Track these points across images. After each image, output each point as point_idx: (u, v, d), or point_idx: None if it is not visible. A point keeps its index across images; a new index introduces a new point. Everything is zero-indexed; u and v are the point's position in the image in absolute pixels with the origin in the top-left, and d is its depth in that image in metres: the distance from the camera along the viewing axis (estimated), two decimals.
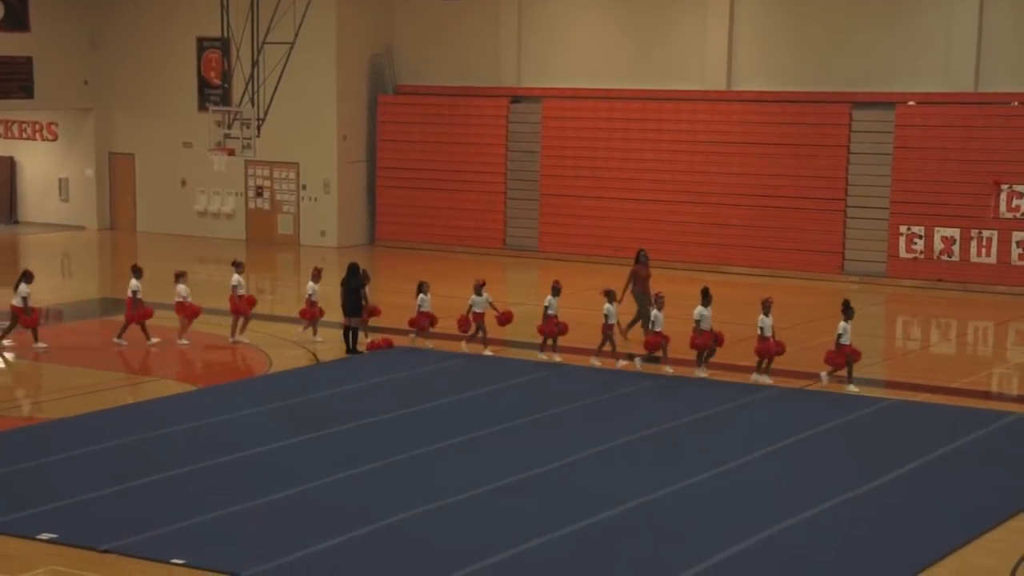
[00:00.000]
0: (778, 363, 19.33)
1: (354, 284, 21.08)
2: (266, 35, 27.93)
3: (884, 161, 29.23)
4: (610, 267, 30.39)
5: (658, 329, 19.08)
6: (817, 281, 28.64)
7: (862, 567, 11.84)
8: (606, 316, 19.40)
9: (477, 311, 20.29)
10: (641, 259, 21.40)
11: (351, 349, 20.99)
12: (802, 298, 23.65)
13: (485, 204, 33.27)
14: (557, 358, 19.70)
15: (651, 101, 31.32)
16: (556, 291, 19.94)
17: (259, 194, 34.71)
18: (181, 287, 21.43)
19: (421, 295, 20.63)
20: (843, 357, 18.03)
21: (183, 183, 35.52)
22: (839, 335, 18.08)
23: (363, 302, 21.08)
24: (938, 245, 28.61)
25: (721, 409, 17.41)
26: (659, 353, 19.13)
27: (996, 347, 23.17)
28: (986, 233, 28.09)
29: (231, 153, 27.99)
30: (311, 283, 21.39)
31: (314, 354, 20.84)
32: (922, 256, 28.73)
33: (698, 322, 18.67)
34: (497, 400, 17.84)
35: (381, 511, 12.85)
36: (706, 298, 18.74)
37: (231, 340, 21.25)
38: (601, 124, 31.86)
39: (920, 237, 28.74)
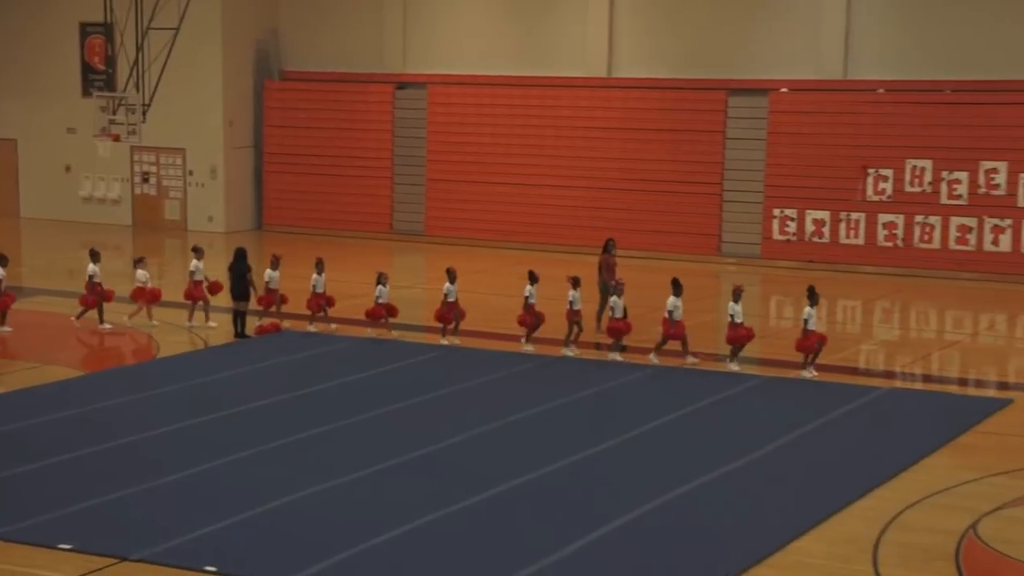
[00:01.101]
0: (654, 341, 19.55)
1: (241, 269, 20.81)
2: (150, 20, 27.34)
3: (758, 146, 29.52)
4: (496, 251, 30.40)
5: (618, 316, 18.84)
6: (695, 263, 28.83)
7: (739, 537, 11.95)
8: (571, 303, 19.11)
9: (451, 300, 19.70)
10: (609, 248, 21.11)
11: (239, 334, 20.70)
12: (681, 279, 23.87)
13: (372, 189, 32.99)
14: (530, 348, 19.34)
15: (534, 87, 31.31)
16: (534, 279, 19.42)
17: (145, 180, 34.01)
18: (140, 272, 21.11)
19: (380, 287, 20.08)
20: (813, 343, 17.88)
21: (67, 169, 34.63)
22: (805, 320, 17.97)
23: (251, 287, 20.82)
24: (809, 227, 28.97)
25: (604, 388, 17.44)
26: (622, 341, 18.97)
27: (863, 324, 23.44)
28: (854, 216, 28.50)
29: (116, 139, 27.40)
30: (269, 271, 20.98)
31: (204, 340, 20.55)
32: (794, 238, 29.08)
33: (671, 312, 18.50)
34: (387, 381, 17.67)
35: (268, 493, 12.69)
36: (677, 288, 18.57)
37: (187, 325, 20.95)
38: (486, 110, 31.75)
39: (792, 219, 29.08)
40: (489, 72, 31.85)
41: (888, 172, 28.36)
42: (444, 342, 19.58)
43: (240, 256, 20.94)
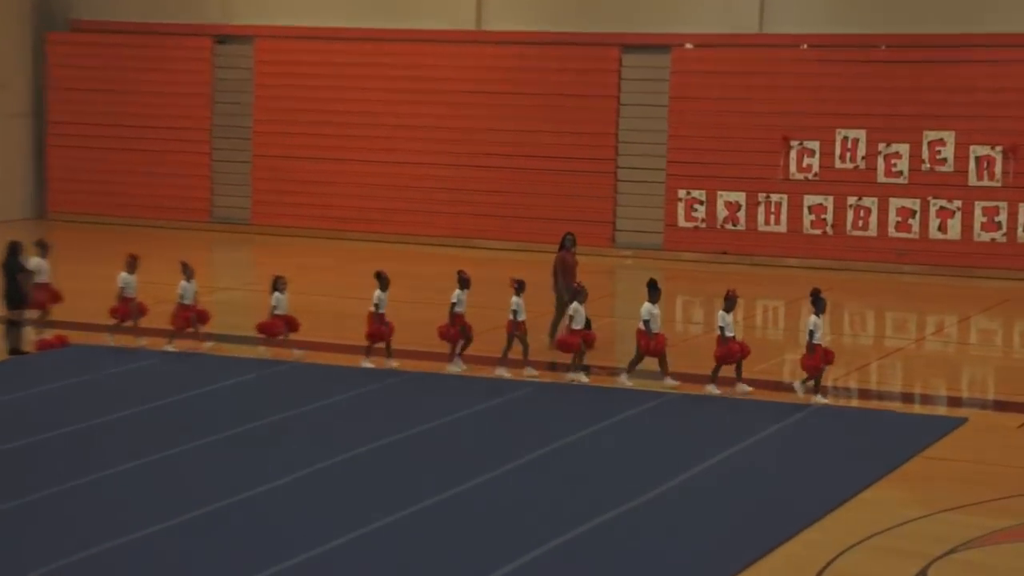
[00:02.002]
0: (534, 355, 19.32)
1: (13, 268, 20.30)
2: None
3: (659, 114, 29.76)
4: (340, 244, 30.30)
5: (577, 327, 18.78)
6: (585, 256, 28.38)
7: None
8: (514, 312, 19.05)
9: (381, 312, 19.52)
10: (567, 244, 21.02)
11: (14, 349, 20.06)
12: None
13: (185, 168, 32.58)
14: (462, 366, 19.23)
15: (387, 43, 31.20)
16: (464, 283, 19.39)
17: None
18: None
19: (276, 293, 19.72)
20: (819, 361, 17.90)
21: None
22: (811, 332, 17.92)
23: (24, 290, 20.24)
24: (721, 212, 29.23)
25: (482, 408, 17.39)
26: (578, 358, 18.83)
27: (787, 329, 23.52)
28: (775, 197, 28.86)
29: None
30: (124, 274, 20.38)
31: None
32: (704, 225, 29.34)
33: (647, 322, 18.58)
34: (201, 406, 17.40)
35: (64, 546, 12.34)
36: (654, 293, 18.69)
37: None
38: (327, 70, 31.56)
39: (701, 203, 29.33)
40: (331, 24, 31.62)
41: (814, 145, 28.68)
42: (394, 364, 19.36)
43: (12, 252, 20.19)
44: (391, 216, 30.92)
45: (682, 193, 29.46)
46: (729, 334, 18.46)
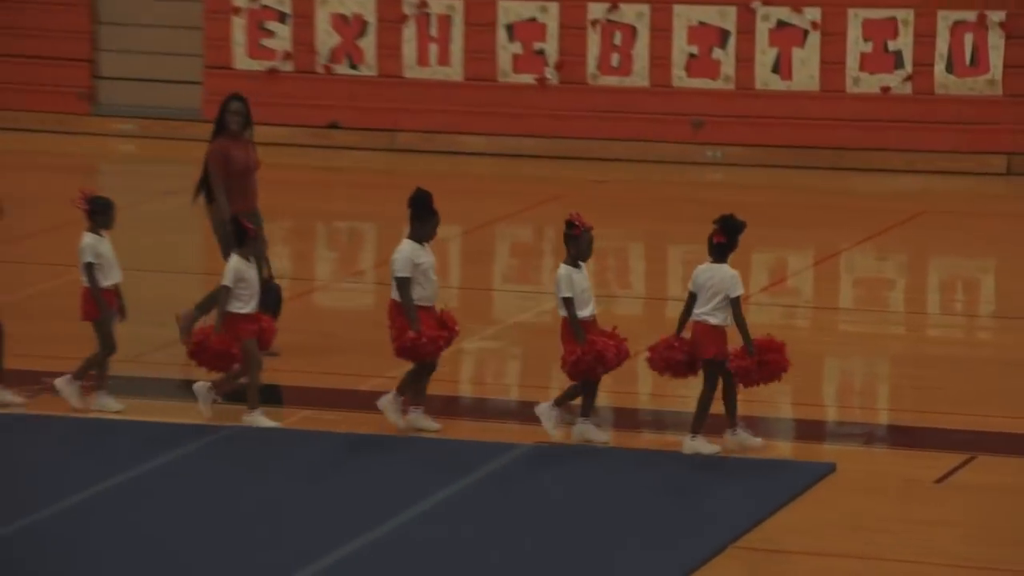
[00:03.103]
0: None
1: None
2: None
3: None
4: None
5: (246, 310, 18.56)
6: (39, 135, 29.71)
7: None
8: (88, 269, 18.61)
9: None
10: (230, 123, 20.27)
11: None
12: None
13: None
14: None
15: None
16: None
17: None
18: None
19: None
20: (750, 364, 17.21)
21: None
22: (734, 301, 17.49)
23: None
24: (326, 37, 29.14)
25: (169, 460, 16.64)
26: (239, 373, 18.48)
27: (475, 287, 23.84)
28: (437, 7, 29.34)
29: None
30: None
31: None
32: (288, 66, 29.45)
33: (402, 283, 18.62)
34: None
35: None
36: (423, 224, 18.35)
37: None
38: None
39: (281, 19, 29.50)
40: None
41: None
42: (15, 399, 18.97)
43: None
44: None
45: None
46: (583, 313, 17.54)
